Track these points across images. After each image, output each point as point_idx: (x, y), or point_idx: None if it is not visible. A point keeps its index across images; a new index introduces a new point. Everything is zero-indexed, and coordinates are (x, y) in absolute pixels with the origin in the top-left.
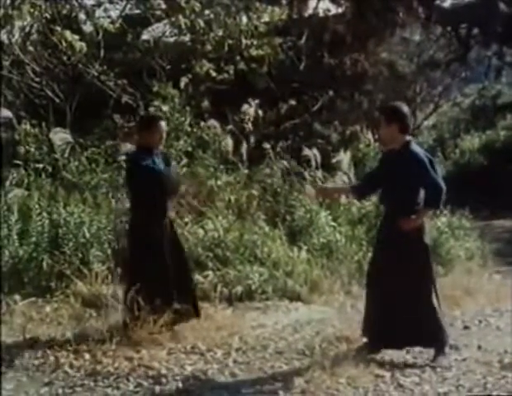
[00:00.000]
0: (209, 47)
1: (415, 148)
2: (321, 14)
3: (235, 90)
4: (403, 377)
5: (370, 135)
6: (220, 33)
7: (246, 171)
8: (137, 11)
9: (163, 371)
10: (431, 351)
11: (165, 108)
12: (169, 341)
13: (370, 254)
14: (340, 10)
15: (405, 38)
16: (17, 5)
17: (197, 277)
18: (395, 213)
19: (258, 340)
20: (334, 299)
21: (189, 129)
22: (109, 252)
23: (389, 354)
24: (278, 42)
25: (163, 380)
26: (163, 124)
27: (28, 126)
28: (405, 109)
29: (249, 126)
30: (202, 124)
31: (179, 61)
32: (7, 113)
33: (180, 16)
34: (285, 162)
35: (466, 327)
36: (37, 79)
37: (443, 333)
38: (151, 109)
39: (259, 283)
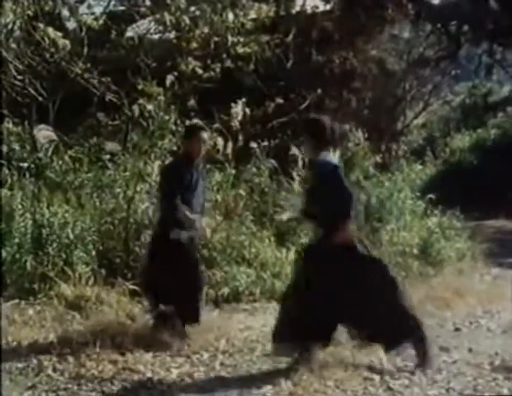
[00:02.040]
0: (195, 44)
1: (322, 160)
2: (309, 11)
3: (222, 88)
4: (392, 380)
5: (359, 134)
6: (206, 30)
7: (233, 170)
8: (121, 8)
9: (149, 374)
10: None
11: (150, 106)
12: (155, 344)
13: None
14: (328, 6)
15: (395, 35)
16: None
17: None
18: (318, 226)
19: (246, 342)
20: None
21: (174, 127)
22: (93, 253)
23: (379, 357)
24: (265, 39)
25: (149, 384)
26: (204, 134)
27: (11, 125)
28: (325, 122)
29: (236, 125)
30: (188, 122)
31: (164, 59)
32: None
33: (165, 13)
34: (272, 162)
35: (456, 329)
36: (20, 77)
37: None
38: (135, 107)
39: (246, 284)
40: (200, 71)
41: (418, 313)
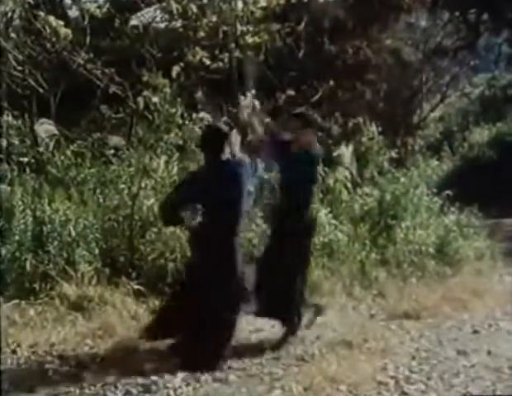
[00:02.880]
0: (202, 34)
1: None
2: None
3: (230, 80)
4: (407, 384)
5: (374, 128)
6: (214, 19)
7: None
8: None
9: (154, 377)
10: (438, 357)
11: (155, 99)
12: (160, 347)
13: (373, 254)
14: None
15: (411, 24)
16: None
17: None
18: None
19: (255, 344)
20: (335, 302)
21: (181, 121)
22: (96, 251)
23: (393, 360)
24: (276, 28)
25: (153, 388)
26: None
27: (10, 118)
28: (222, 130)
29: (245, 118)
30: (195, 115)
31: (170, 49)
32: None
33: (171, 1)
34: None
35: (475, 332)
36: (20, 68)
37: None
38: (140, 99)
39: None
40: (207, 61)
41: (434, 314)
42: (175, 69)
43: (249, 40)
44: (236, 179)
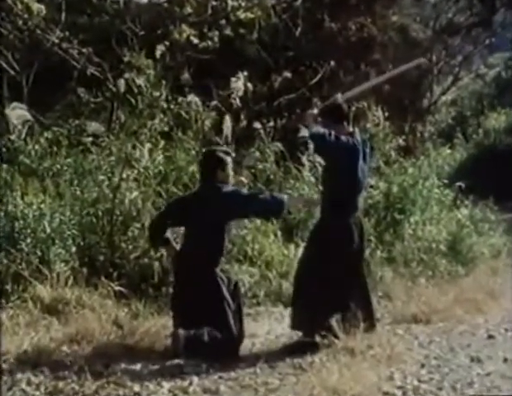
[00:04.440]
0: (189, 9)
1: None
2: None
3: (221, 60)
4: (416, 395)
5: (379, 113)
6: None
7: (233, 154)
8: None
9: (137, 389)
10: (449, 365)
11: (138, 81)
12: (146, 354)
13: (379, 252)
14: None
15: None
16: None
17: None
18: None
19: (248, 351)
20: None
21: (166, 105)
22: (73, 249)
23: (400, 369)
24: (271, 3)
25: None
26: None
27: None
28: (217, 155)
29: (237, 102)
30: (181, 99)
31: (154, 26)
32: None
33: None
34: (279, 145)
35: (490, 337)
36: None
37: None
38: (121, 82)
39: (249, 285)
40: (195, 40)
41: (445, 318)
42: (159, 49)
43: (241, 15)
44: (224, 206)
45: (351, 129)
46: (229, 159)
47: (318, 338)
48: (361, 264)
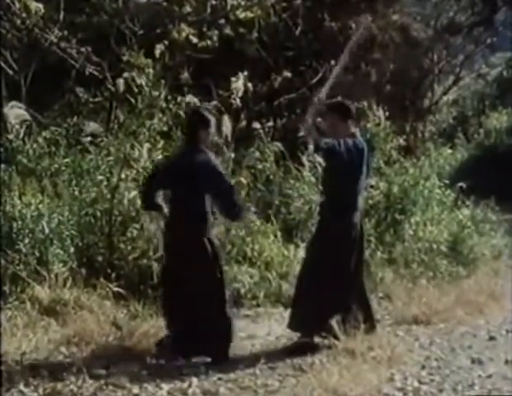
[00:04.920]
0: (188, 8)
1: None
2: None
3: (220, 59)
4: None
5: (380, 112)
6: None
7: (233, 154)
8: None
9: (135, 391)
10: (450, 366)
11: (137, 81)
12: (144, 355)
13: (379, 253)
14: None
15: None
16: None
17: None
18: None
19: (248, 353)
20: None
21: (165, 105)
22: (71, 250)
23: (401, 370)
24: (270, 2)
25: None
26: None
27: None
28: (203, 115)
29: (237, 102)
30: (180, 99)
31: (153, 25)
32: None
33: None
34: (279, 145)
35: (491, 338)
36: None
37: None
38: (120, 81)
39: (249, 286)
40: (194, 39)
41: (446, 319)
42: (158, 48)
43: (241, 15)
44: (209, 170)
45: (353, 130)
46: (212, 119)
47: (317, 339)
48: (361, 265)
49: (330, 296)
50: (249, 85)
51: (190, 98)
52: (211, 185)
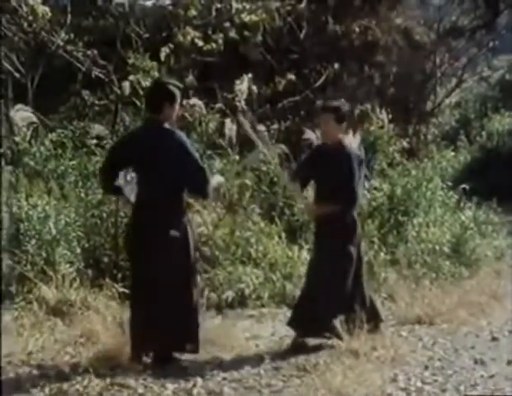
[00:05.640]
0: (194, 12)
1: None
2: None
3: (225, 62)
4: None
5: (383, 115)
6: None
7: (237, 156)
8: None
9: (140, 390)
10: (453, 367)
11: (142, 83)
12: (150, 355)
13: (382, 254)
14: None
15: (424, 1)
16: None
17: None
18: None
19: (252, 353)
20: None
21: None
22: (78, 251)
23: (404, 370)
24: (275, 6)
25: None
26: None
27: None
28: (166, 88)
29: (242, 105)
30: (185, 102)
31: (158, 28)
32: None
33: None
34: (283, 147)
35: (493, 339)
36: None
37: None
38: (125, 84)
39: (253, 287)
40: (199, 42)
41: (449, 320)
42: (164, 51)
43: (246, 18)
44: (175, 149)
45: (346, 135)
46: (178, 94)
47: (313, 341)
48: (361, 266)
49: (333, 296)
50: (254, 87)
51: (195, 101)
52: (178, 164)
